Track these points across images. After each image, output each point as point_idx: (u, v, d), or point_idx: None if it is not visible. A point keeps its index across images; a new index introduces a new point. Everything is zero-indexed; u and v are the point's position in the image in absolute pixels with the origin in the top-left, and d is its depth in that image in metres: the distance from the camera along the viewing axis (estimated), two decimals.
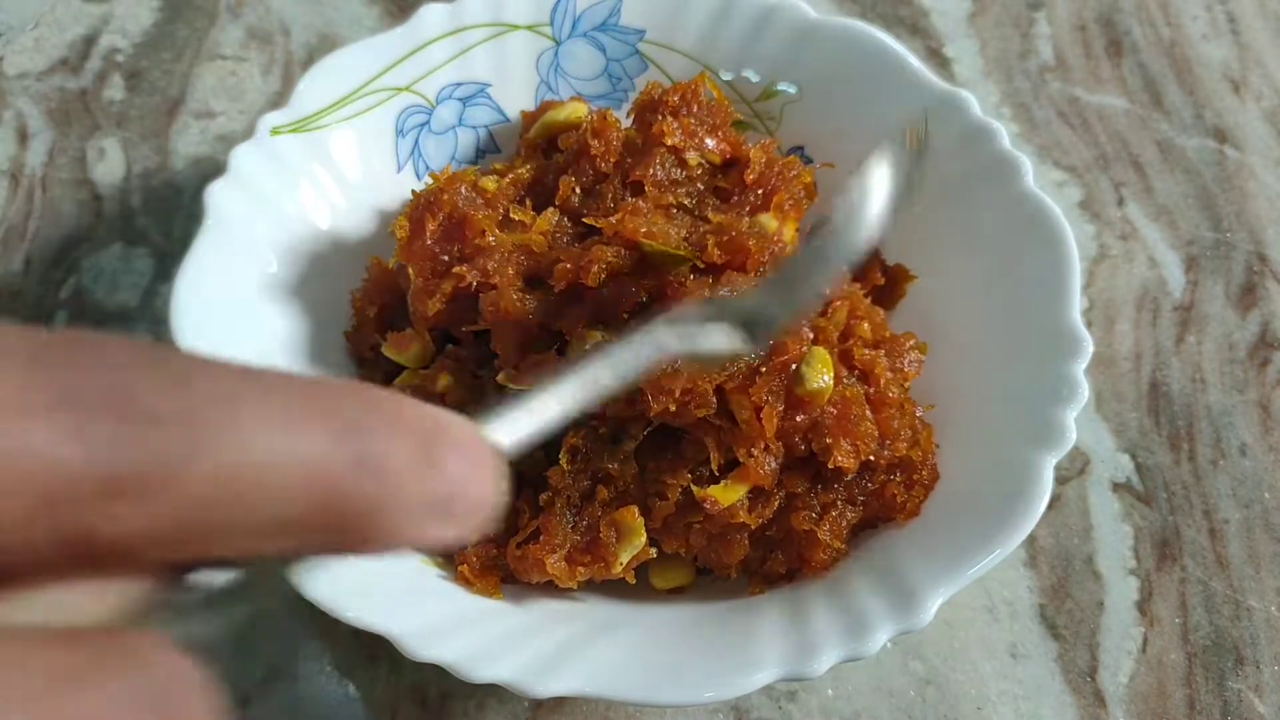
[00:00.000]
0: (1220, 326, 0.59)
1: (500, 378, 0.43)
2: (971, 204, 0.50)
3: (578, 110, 0.53)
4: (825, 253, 0.38)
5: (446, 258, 0.47)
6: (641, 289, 0.44)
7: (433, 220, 0.47)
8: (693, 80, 0.52)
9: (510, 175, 0.50)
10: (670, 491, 0.42)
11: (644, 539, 0.42)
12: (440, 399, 0.46)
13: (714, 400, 0.41)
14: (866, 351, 0.44)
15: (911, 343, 0.46)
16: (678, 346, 0.35)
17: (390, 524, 0.18)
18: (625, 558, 0.42)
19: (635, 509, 0.42)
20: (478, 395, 0.46)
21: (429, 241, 0.47)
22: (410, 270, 0.48)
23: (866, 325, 0.45)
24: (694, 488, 0.42)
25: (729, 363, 0.41)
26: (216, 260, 0.46)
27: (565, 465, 0.43)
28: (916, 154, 0.40)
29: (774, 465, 0.42)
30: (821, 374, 0.42)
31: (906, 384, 0.45)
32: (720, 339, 0.37)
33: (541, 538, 0.42)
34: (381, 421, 0.18)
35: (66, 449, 0.15)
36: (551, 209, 0.48)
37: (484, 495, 0.20)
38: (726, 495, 0.42)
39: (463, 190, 0.48)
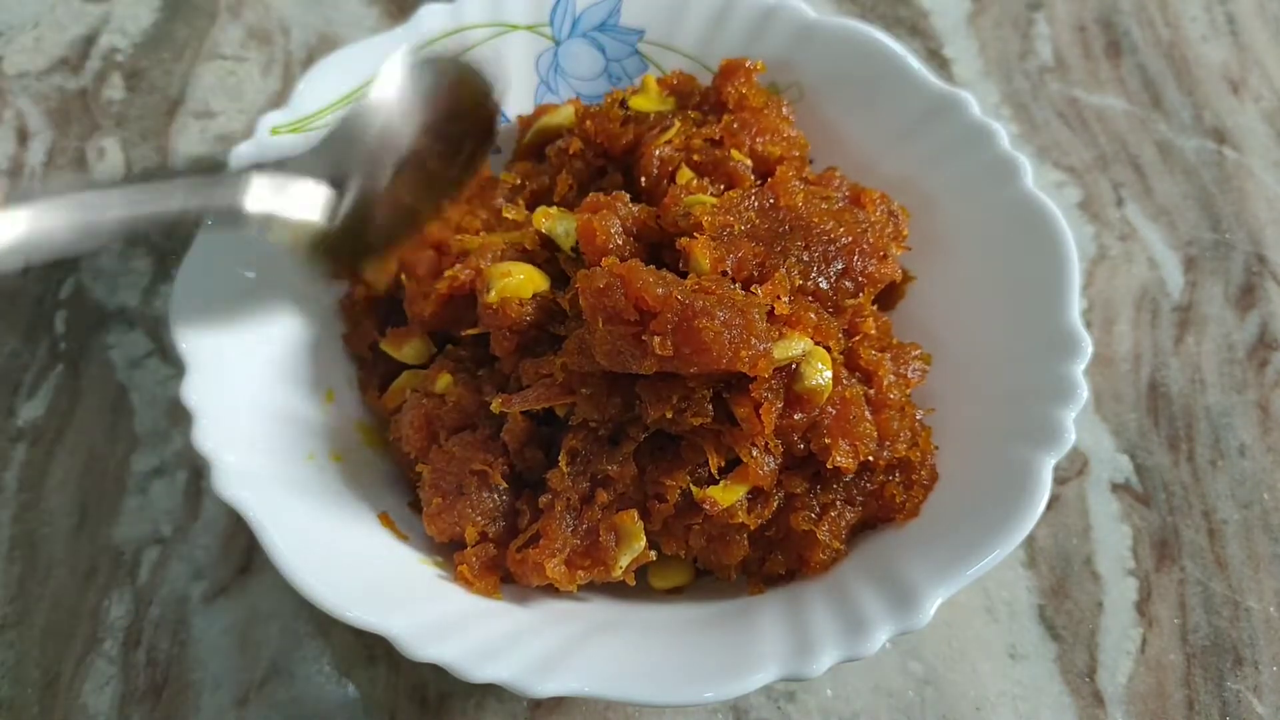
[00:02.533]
0: (1219, 327, 0.59)
1: (494, 405, 0.43)
2: (971, 204, 0.50)
3: (569, 115, 0.53)
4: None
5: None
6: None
7: None
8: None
9: (504, 175, 0.51)
10: (670, 493, 0.42)
11: (643, 543, 0.42)
12: (440, 399, 0.46)
13: (710, 409, 0.41)
14: (874, 353, 0.44)
15: (917, 352, 0.46)
16: (255, 210, 0.36)
17: None
18: (625, 561, 0.42)
19: (634, 513, 0.42)
20: (477, 395, 0.46)
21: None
22: (403, 276, 0.48)
23: (872, 322, 0.45)
24: (694, 489, 0.42)
25: (308, 234, 0.41)
26: (216, 260, 0.46)
27: (565, 468, 0.43)
28: (461, 76, 0.45)
29: (773, 465, 0.42)
30: (820, 371, 0.41)
31: (908, 389, 0.45)
32: (301, 202, 0.38)
33: (541, 542, 0.42)
34: None
35: None
36: (543, 208, 0.48)
37: None
38: (726, 496, 0.42)
39: None
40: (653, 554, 0.43)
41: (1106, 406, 0.56)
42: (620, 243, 0.44)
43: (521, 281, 0.44)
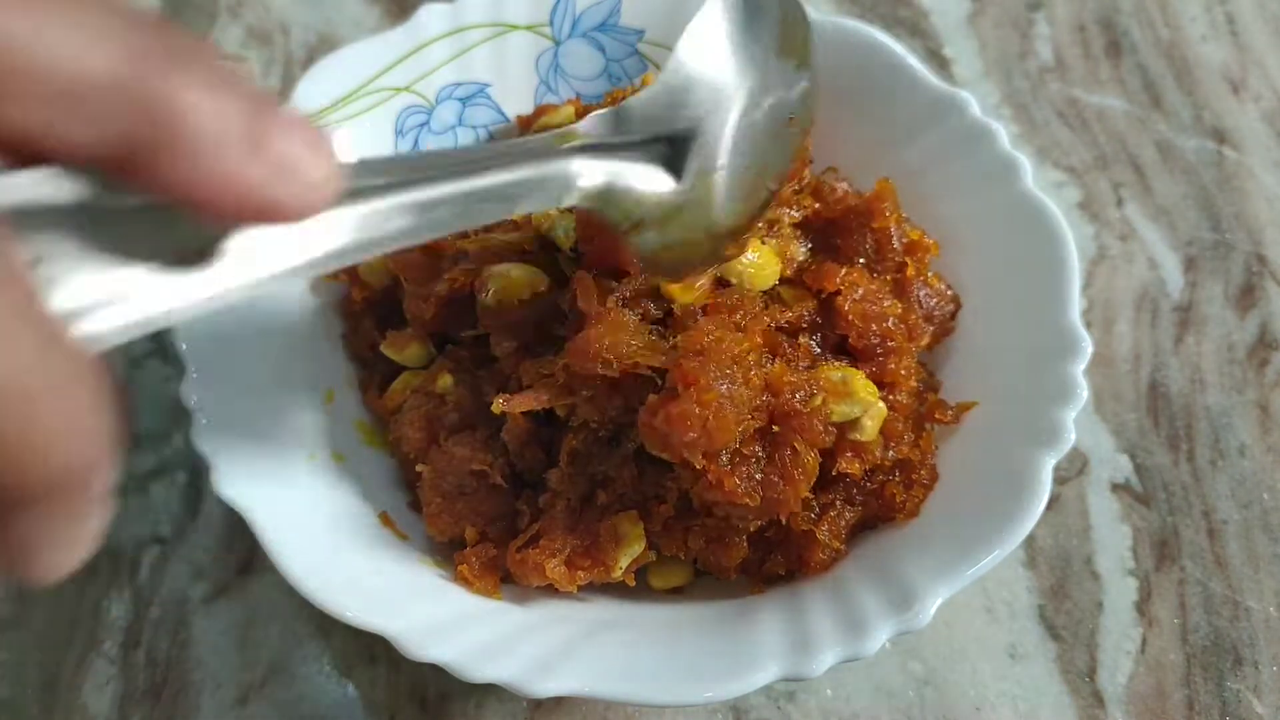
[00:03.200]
0: (1219, 327, 0.59)
1: (495, 406, 0.43)
2: (971, 204, 0.50)
3: (570, 115, 0.53)
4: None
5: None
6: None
7: None
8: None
9: None
10: (669, 494, 0.42)
11: (643, 543, 0.42)
12: (440, 399, 0.46)
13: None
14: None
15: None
16: (595, 183, 0.31)
17: (199, 137, 0.18)
18: (624, 562, 0.42)
19: (635, 514, 0.42)
20: (478, 395, 0.46)
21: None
22: (402, 279, 0.48)
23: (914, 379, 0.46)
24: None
25: (654, 212, 0.34)
26: None
27: (565, 467, 0.43)
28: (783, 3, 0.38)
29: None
30: (874, 425, 0.42)
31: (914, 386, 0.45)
32: (643, 176, 0.33)
33: (542, 542, 0.42)
34: (208, 61, 0.19)
35: None
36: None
37: (315, 164, 0.19)
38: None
39: None
40: (652, 554, 0.43)
41: (1106, 406, 0.56)
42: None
43: (521, 282, 0.44)
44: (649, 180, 0.33)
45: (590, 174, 0.31)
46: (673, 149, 0.34)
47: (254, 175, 0.19)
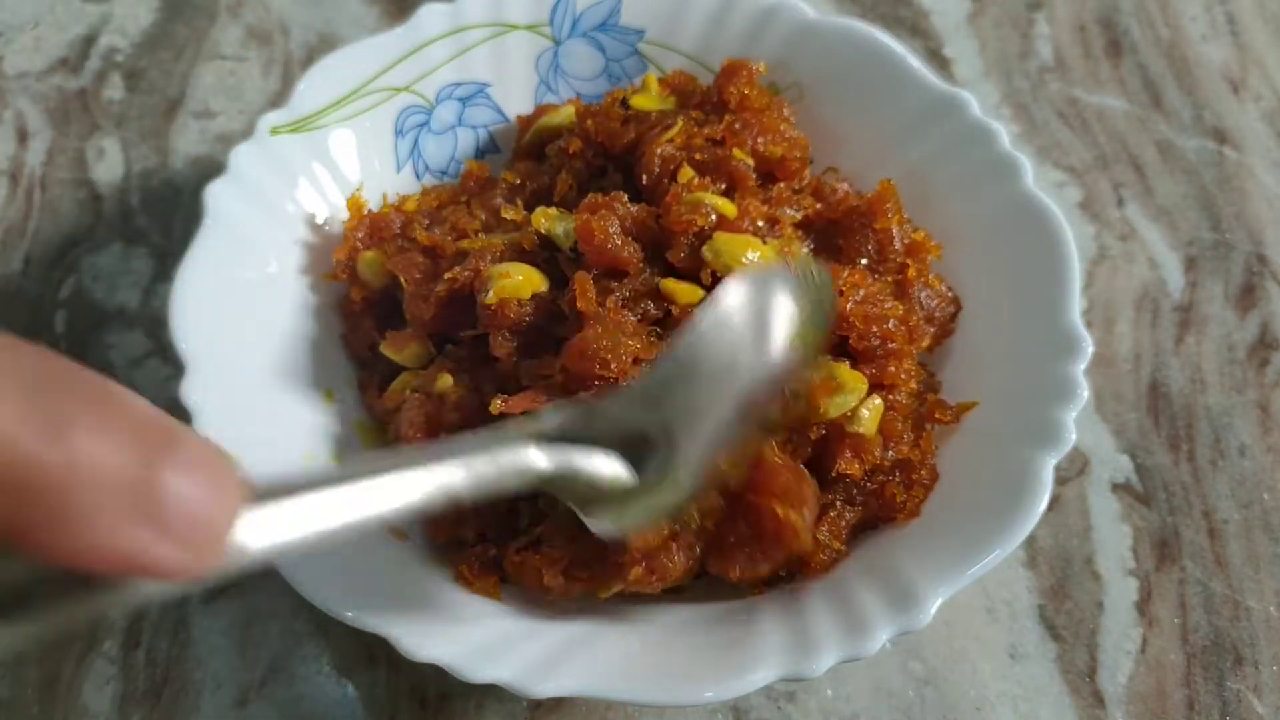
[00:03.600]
0: (1220, 327, 0.59)
1: (493, 406, 0.43)
2: (972, 204, 0.50)
3: (570, 114, 0.53)
4: (709, 369, 0.35)
5: (429, 260, 0.48)
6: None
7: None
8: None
9: (504, 175, 0.51)
10: None
11: (641, 574, 0.42)
12: (440, 399, 0.46)
13: None
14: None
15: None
16: (547, 469, 0.32)
17: (80, 508, 0.17)
18: (617, 588, 0.41)
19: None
20: (478, 395, 0.46)
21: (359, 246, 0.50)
22: (402, 280, 0.48)
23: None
24: None
25: (611, 495, 0.35)
26: (215, 260, 0.46)
27: None
28: (811, 286, 0.38)
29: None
30: (873, 417, 0.42)
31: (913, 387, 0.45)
32: (600, 466, 0.34)
33: (543, 548, 0.42)
34: (95, 407, 0.17)
35: None
36: (543, 208, 0.48)
37: (207, 518, 0.18)
38: None
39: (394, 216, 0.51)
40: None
41: (1107, 406, 0.56)
42: (619, 243, 0.44)
43: (520, 282, 0.44)
44: (608, 468, 0.34)
45: (546, 461, 0.33)
46: (638, 447, 0.35)
47: (138, 540, 0.17)
